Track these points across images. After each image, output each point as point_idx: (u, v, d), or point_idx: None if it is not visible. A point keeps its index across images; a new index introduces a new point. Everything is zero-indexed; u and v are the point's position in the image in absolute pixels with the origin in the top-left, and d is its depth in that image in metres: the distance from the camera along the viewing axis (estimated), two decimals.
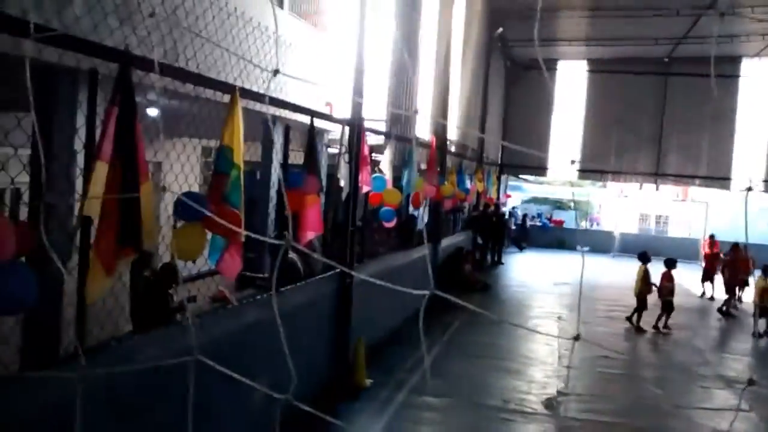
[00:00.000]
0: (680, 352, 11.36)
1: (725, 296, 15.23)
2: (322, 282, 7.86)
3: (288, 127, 7.63)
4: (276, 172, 8.77)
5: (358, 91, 8.64)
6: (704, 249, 19.19)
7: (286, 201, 6.88)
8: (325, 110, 10.58)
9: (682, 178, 27.68)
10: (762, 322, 12.36)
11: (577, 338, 1.71)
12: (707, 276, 17.18)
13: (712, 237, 20.44)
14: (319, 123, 8.52)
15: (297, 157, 8.43)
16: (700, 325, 13.86)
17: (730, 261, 15.52)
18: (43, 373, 3.76)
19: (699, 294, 17.22)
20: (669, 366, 10.35)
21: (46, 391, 3.49)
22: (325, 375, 7.78)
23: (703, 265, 17.82)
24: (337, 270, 8.16)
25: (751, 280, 14.71)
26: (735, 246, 15.76)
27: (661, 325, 12.52)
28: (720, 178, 26.81)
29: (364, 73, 8.69)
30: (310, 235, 7.44)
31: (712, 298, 16.77)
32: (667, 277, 12.80)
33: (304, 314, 7.24)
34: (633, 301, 12.94)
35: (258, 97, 6.40)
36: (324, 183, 9.23)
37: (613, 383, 9.13)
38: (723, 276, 15.81)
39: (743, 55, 25.36)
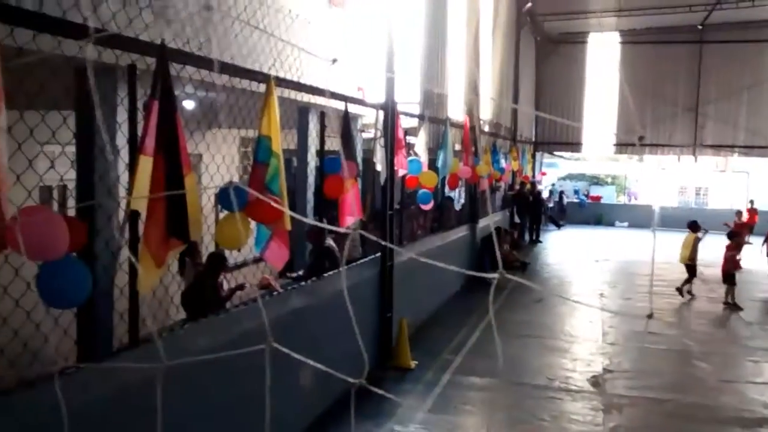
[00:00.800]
0: (728, 324, 11.19)
1: None
2: (364, 266, 7.90)
3: (323, 114, 7.65)
4: (313, 159, 8.82)
5: (390, 74, 8.62)
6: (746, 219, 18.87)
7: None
8: (358, 95, 10.60)
9: (721, 148, 27.09)
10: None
11: (650, 316, 1.69)
12: None
13: (752, 203, 20.06)
14: (352, 108, 8.54)
15: (333, 144, 8.47)
16: (747, 297, 13.57)
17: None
18: (126, 363, 3.89)
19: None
20: (717, 340, 10.19)
21: (127, 378, 3.63)
22: (371, 358, 7.84)
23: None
24: (378, 254, 8.21)
25: None
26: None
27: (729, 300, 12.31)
28: (760, 147, 26.18)
29: (395, 55, 8.67)
30: (350, 219, 7.46)
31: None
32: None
33: (348, 298, 7.28)
34: (674, 276, 12.74)
35: (293, 86, 6.43)
36: (361, 168, 9.26)
37: (659, 359, 9.03)
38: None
39: None
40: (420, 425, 6.37)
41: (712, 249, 13.40)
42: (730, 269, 12.26)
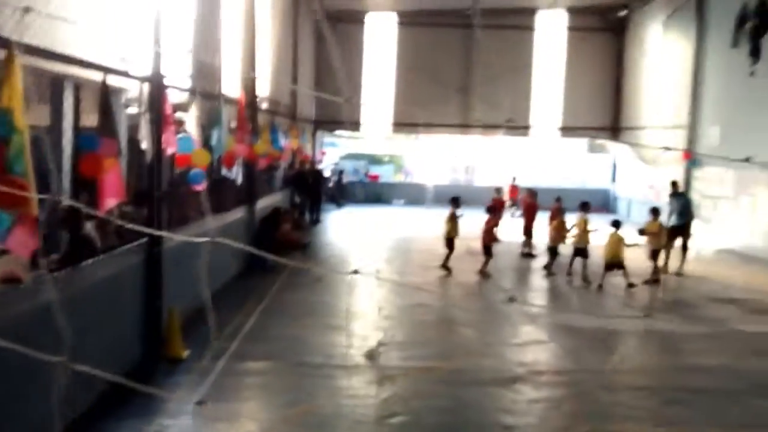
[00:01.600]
0: (489, 293, 12.04)
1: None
2: (127, 253, 7.33)
3: (78, 86, 6.94)
4: (68, 137, 7.99)
5: (156, 45, 8.05)
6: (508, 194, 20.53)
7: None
8: (121, 66, 9.80)
9: (488, 128, 29.22)
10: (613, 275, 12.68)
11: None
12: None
13: (514, 179, 21.90)
14: (115, 80, 7.84)
15: (92, 120, 7.74)
16: (503, 265, 14.74)
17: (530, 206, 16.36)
18: None
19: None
20: (480, 308, 10.91)
21: None
22: (138, 349, 7.33)
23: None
24: (144, 239, 7.66)
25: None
26: (528, 191, 16.73)
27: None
28: (522, 127, 28.62)
29: (163, 24, 8.11)
30: (111, 202, 6.88)
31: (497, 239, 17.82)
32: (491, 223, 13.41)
33: (109, 288, 6.73)
34: (445, 250, 13.43)
35: (42, 53, 5.72)
36: (123, 146, 8.59)
37: (430, 329, 9.50)
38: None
39: (538, 6, 27.00)
40: (192, 416, 6.08)
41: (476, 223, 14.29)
42: (488, 242, 13.20)
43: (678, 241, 14.05)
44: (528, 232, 15.87)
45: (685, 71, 21.13)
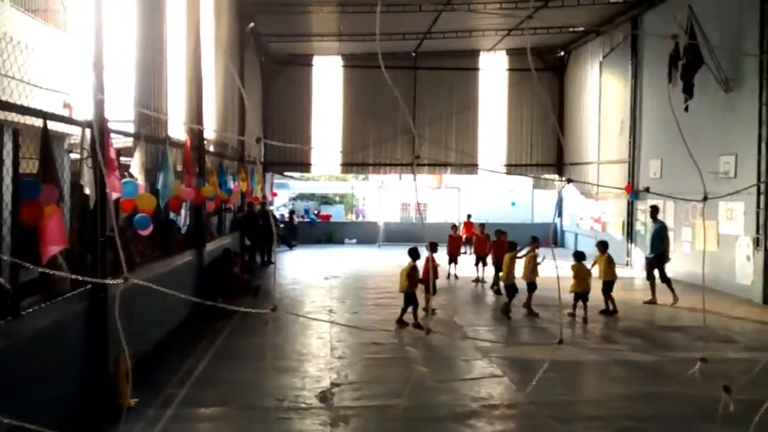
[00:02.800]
0: (442, 329, 12.05)
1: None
2: (72, 299, 7.13)
3: (17, 132, 6.79)
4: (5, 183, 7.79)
5: (99, 89, 7.97)
6: (463, 231, 20.73)
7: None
8: (64, 112, 9.67)
9: (436, 166, 29.66)
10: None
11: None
12: (452, 258, 18.03)
13: (469, 217, 22.20)
14: (57, 126, 7.73)
15: (33, 166, 7.58)
16: (457, 301, 14.85)
17: (496, 242, 16.36)
18: None
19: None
20: (433, 345, 10.88)
21: None
22: (84, 399, 7.09)
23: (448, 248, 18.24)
24: (88, 286, 7.47)
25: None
26: (498, 231, 16.76)
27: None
28: (469, 165, 29.14)
29: (105, 69, 8.04)
30: (53, 249, 6.71)
31: (456, 276, 17.99)
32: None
33: (51, 338, 6.52)
34: (397, 287, 13.38)
35: None
36: (66, 192, 8.42)
37: (384, 367, 9.43)
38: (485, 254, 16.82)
39: (481, 49, 27.73)
40: None
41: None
42: (426, 279, 13.06)
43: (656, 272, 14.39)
44: (496, 267, 15.78)
45: (624, 108, 21.89)
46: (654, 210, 15.08)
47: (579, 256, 12.94)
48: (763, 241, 14.36)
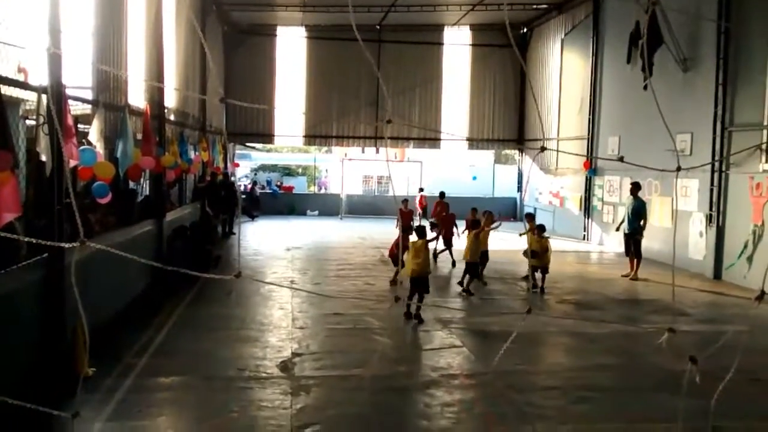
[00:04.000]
0: (404, 300, 12.14)
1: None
2: (27, 269, 7.00)
3: None
4: None
5: (55, 54, 7.76)
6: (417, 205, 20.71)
7: None
8: (19, 77, 9.39)
9: (399, 140, 29.67)
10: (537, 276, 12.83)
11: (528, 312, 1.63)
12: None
13: (421, 190, 22.19)
14: (11, 91, 7.52)
15: None
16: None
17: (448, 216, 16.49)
18: None
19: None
20: (396, 316, 10.97)
21: None
22: (41, 369, 7.00)
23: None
24: (45, 254, 7.35)
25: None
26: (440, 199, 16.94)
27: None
28: (431, 139, 29.23)
29: (61, 33, 7.83)
30: (8, 217, 6.57)
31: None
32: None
33: (6, 306, 6.42)
34: (359, 260, 13.54)
35: None
36: (21, 159, 8.22)
37: (345, 338, 9.49)
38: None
39: (445, 23, 27.67)
40: None
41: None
42: (394, 252, 13.21)
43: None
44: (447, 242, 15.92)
45: (584, 85, 22.13)
46: (635, 187, 14.86)
47: (540, 229, 13.12)
48: (716, 218, 14.75)
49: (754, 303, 2.25)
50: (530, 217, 14.67)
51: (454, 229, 15.74)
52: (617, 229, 15.47)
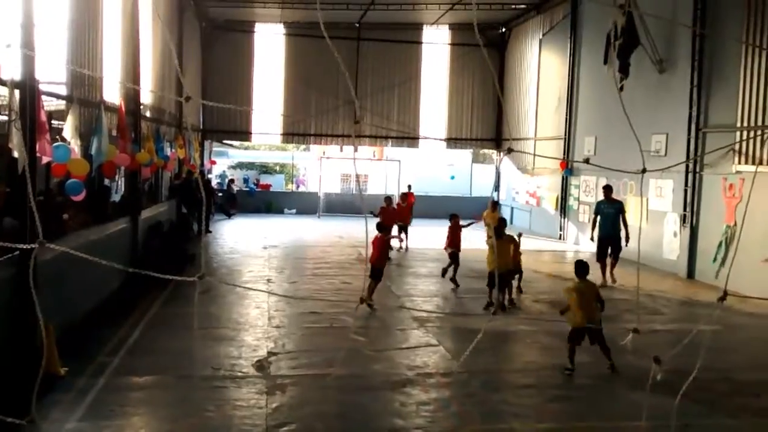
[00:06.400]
0: (380, 299, 12.14)
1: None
2: None
3: None
4: None
5: (28, 48, 7.65)
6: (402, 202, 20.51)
7: None
8: None
9: (377, 138, 29.65)
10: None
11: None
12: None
13: (409, 188, 22.06)
14: None
15: None
16: (394, 272, 14.93)
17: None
18: None
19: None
20: (371, 315, 10.96)
21: None
22: (10, 369, 6.90)
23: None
24: (16, 252, 7.24)
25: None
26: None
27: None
28: (409, 137, 29.26)
29: (34, 28, 7.72)
30: None
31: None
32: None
33: None
34: (336, 258, 13.52)
35: None
36: None
37: (321, 337, 9.48)
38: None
39: (424, 22, 27.71)
40: None
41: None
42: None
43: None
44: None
45: (561, 85, 22.28)
46: (608, 190, 14.22)
47: (494, 204, 13.68)
48: (690, 218, 14.94)
49: (718, 303, 2.29)
50: (494, 204, 14.66)
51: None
52: (591, 239, 14.47)
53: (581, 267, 8.39)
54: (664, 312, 11.65)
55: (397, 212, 17.46)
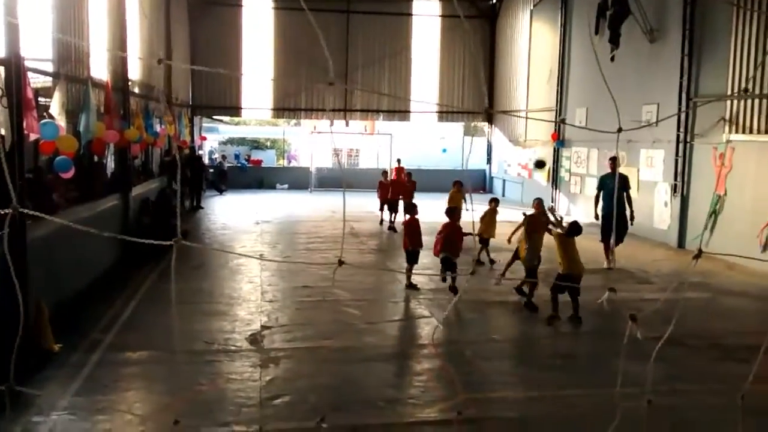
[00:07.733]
0: (373, 273, 12.19)
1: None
2: None
3: None
4: None
5: (12, 24, 7.54)
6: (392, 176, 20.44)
7: None
8: None
9: (368, 112, 29.53)
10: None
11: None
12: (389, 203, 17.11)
13: (399, 162, 22.03)
14: None
15: None
16: (388, 246, 14.99)
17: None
18: None
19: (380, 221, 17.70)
20: (364, 288, 10.98)
21: None
22: (4, 346, 6.90)
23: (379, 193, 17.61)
24: (6, 230, 7.21)
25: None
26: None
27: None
28: (400, 111, 29.15)
29: (19, 2, 7.62)
30: None
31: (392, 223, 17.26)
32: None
33: None
34: (329, 233, 13.53)
35: None
36: None
37: (314, 310, 9.53)
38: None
39: None
40: (64, 411, 5.80)
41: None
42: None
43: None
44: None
45: (552, 57, 22.19)
46: (614, 162, 13.23)
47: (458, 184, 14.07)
48: (681, 188, 14.99)
49: (693, 261, 2.32)
50: (458, 183, 14.50)
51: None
52: (596, 217, 13.01)
53: (576, 230, 9.03)
54: (653, 281, 11.74)
55: (402, 187, 17.22)
